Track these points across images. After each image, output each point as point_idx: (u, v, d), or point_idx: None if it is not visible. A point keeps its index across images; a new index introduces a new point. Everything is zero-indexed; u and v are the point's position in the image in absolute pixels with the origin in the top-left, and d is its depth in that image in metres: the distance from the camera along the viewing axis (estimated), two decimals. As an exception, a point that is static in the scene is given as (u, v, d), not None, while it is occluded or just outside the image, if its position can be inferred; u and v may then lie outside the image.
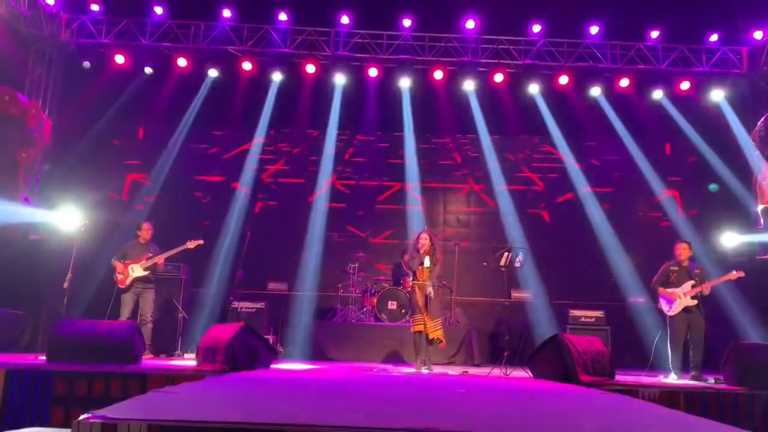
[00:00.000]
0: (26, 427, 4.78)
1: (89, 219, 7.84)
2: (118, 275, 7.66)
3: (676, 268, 7.17)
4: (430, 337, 7.08)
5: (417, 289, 7.17)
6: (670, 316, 7.05)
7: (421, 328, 7.08)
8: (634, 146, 11.15)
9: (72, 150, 10.37)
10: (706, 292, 6.93)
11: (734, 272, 6.93)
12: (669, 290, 7.08)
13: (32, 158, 9.39)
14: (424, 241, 7.30)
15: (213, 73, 10.74)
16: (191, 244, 7.84)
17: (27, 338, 8.44)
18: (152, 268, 7.76)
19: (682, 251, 7.19)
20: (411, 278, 7.39)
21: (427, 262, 7.17)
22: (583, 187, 11.25)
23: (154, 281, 7.88)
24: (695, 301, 6.94)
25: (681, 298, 6.97)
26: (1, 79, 9.14)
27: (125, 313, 7.55)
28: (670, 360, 7.04)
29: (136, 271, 7.64)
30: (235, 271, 9.38)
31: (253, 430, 2.32)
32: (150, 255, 7.73)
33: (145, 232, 7.93)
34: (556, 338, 6.15)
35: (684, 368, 7.01)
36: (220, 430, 2.31)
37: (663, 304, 7.16)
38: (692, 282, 6.97)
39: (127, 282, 7.62)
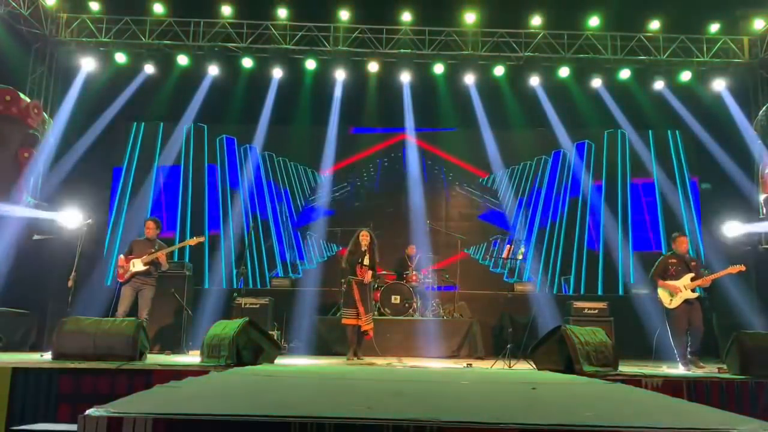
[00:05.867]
0: (34, 424, 4.82)
1: (92, 218, 7.88)
2: (119, 269, 7.73)
3: (675, 261, 7.18)
4: (363, 329, 7.50)
5: (354, 285, 7.56)
6: (671, 309, 7.04)
7: (354, 321, 7.47)
8: (636, 137, 11.16)
9: (74, 149, 10.39)
10: (707, 284, 6.99)
11: (735, 266, 6.96)
12: (671, 282, 7.08)
13: (34, 158, 9.41)
14: (365, 239, 7.69)
15: (213, 71, 10.73)
16: (193, 241, 7.94)
17: (33, 337, 8.49)
18: (154, 264, 7.75)
19: (682, 244, 7.23)
20: (349, 273, 7.67)
21: (366, 260, 7.60)
22: (585, 179, 11.25)
23: (155, 279, 7.83)
24: (696, 294, 6.98)
25: (683, 290, 6.99)
26: (2, 78, 9.17)
27: (122, 307, 7.49)
28: (675, 351, 7.05)
29: (137, 265, 7.62)
30: (238, 267, 9.42)
31: (257, 423, 2.33)
32: (153, 251, 7.76)
33: (149, 230, 7.92)
34: (558, 330, 6.15)
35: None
36: (225, 423, 2.33)
37: (663, 297, 7.16)
38: (691, 275, 7.01)
39: (126, 276, 7.62)
